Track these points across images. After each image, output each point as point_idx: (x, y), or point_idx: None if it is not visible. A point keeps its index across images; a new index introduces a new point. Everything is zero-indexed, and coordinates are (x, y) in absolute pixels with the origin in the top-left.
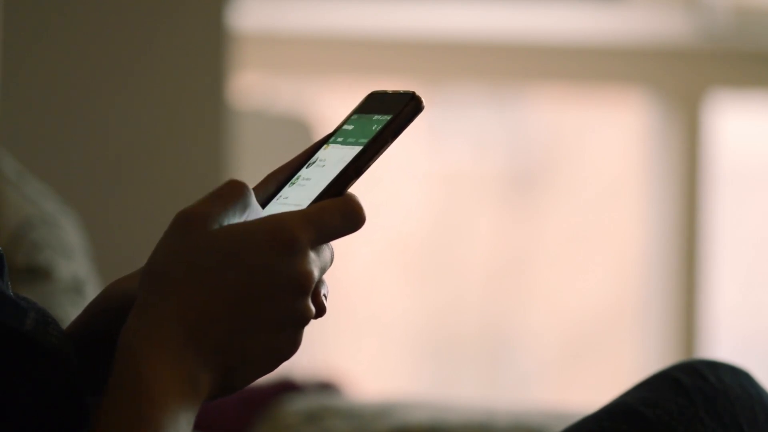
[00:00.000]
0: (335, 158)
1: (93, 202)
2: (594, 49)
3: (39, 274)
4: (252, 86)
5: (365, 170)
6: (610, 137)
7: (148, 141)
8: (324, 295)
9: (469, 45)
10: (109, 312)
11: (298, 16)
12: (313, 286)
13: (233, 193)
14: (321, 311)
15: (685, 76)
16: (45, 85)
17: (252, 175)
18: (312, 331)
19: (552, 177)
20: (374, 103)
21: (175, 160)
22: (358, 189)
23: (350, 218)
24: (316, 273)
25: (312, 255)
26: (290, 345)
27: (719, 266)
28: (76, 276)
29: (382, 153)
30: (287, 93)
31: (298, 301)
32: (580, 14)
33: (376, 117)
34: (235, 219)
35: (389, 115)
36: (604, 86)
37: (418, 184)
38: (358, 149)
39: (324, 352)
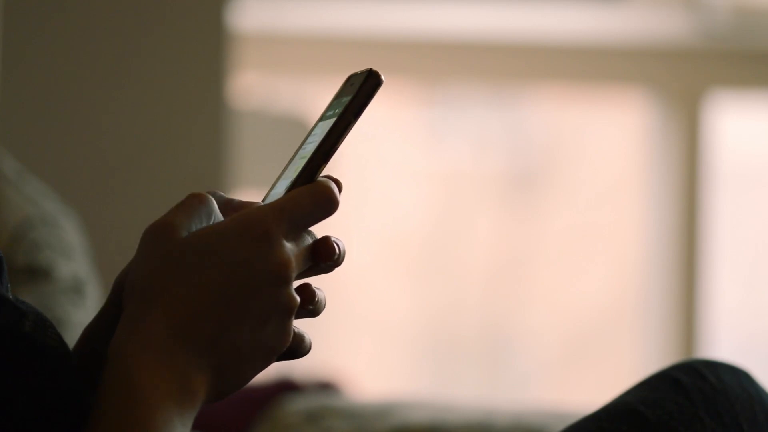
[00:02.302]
0: (310, 146)
1: (93, 202)
2: (594, 49)
3: (39, 274)
4: (252, 86)
5: (333, 153)
6: (610, 137)
7: (148, 141)
8: (314, 286)
9: (469, 45)
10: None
11: (298, 16)
12: (293, 274)
13: (195, 202)
14: (312, 302)
15: (685, 76)
16: (45, 85)
17: (252, 175)
18: (312, 331)
19: (552, 177)
20: (346, 86)
21: (175, 160)
22: (356, 188)
23: (321, 203)
24: (294, 261)
25: (288, 244)
26: (279, 336)
27: (719, 267)
28: (76, 276)
29: (347, 134)
30: (287, 93)
31: (279, 291)
32: (580, 14)
33: (344, 99)
34: (201, 226)
35: (351, 95)
36: (604, 86)
37: (418, 184)
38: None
39: (324, 352)
